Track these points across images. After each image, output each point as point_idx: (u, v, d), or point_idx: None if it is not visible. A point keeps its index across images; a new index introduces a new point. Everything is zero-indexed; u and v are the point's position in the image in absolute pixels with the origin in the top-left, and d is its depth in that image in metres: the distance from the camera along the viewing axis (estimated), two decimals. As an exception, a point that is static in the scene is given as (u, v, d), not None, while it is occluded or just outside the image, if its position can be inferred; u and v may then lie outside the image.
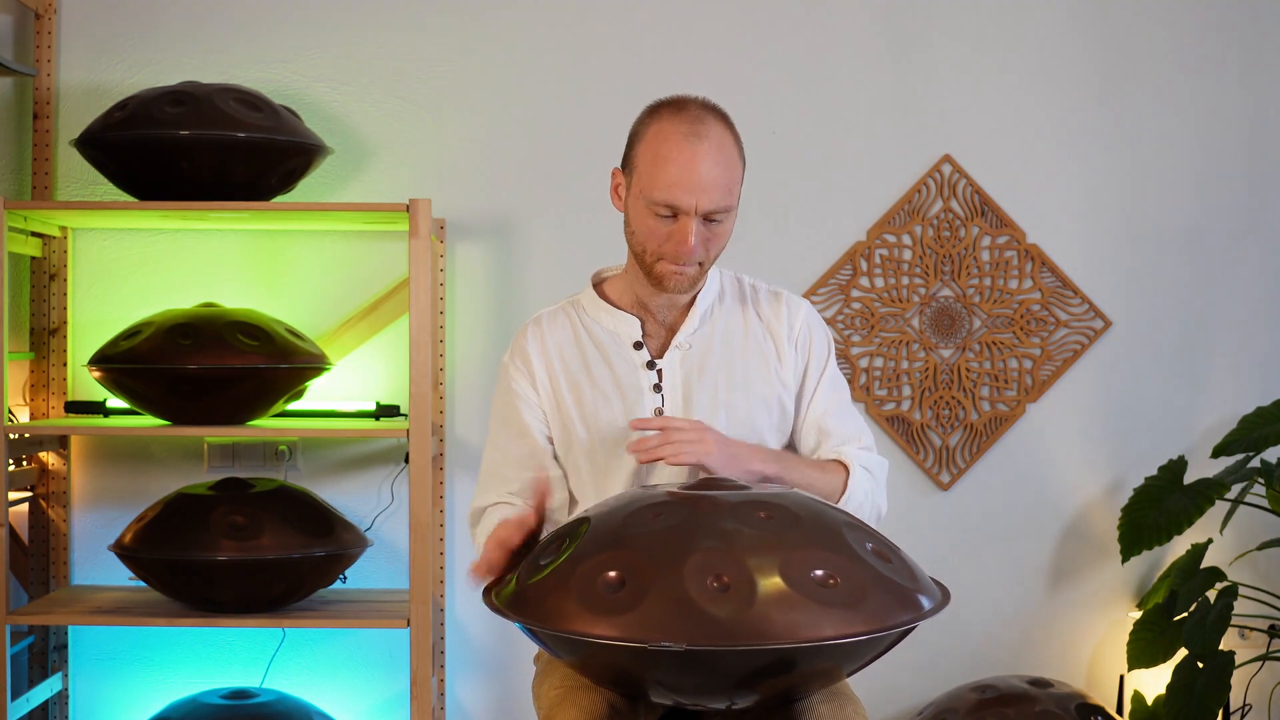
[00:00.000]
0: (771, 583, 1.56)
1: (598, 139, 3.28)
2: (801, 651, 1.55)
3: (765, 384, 2.09)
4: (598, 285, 2.17)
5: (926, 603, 1.67)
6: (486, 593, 1.78)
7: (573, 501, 2.13)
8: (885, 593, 1.62)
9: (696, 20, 3.28)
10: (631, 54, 3.28)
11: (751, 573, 1.57)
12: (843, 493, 2.04)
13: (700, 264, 2.01)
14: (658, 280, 2.02)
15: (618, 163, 3.26)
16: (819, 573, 1.60)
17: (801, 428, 2.13)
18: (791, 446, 2.15)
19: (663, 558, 1.60)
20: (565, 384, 2.10)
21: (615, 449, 2.05)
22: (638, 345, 2.09)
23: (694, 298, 2.10)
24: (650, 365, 2.08)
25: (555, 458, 2.12)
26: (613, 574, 1.60)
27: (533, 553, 1.77)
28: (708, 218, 1.96)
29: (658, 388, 2.07)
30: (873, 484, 2.08)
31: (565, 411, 2.09)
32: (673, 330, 2.10)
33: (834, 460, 2.07)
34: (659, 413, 2.06)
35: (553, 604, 1.62)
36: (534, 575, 1.69)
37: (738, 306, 2.13)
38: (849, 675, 1.74)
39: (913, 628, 1.64)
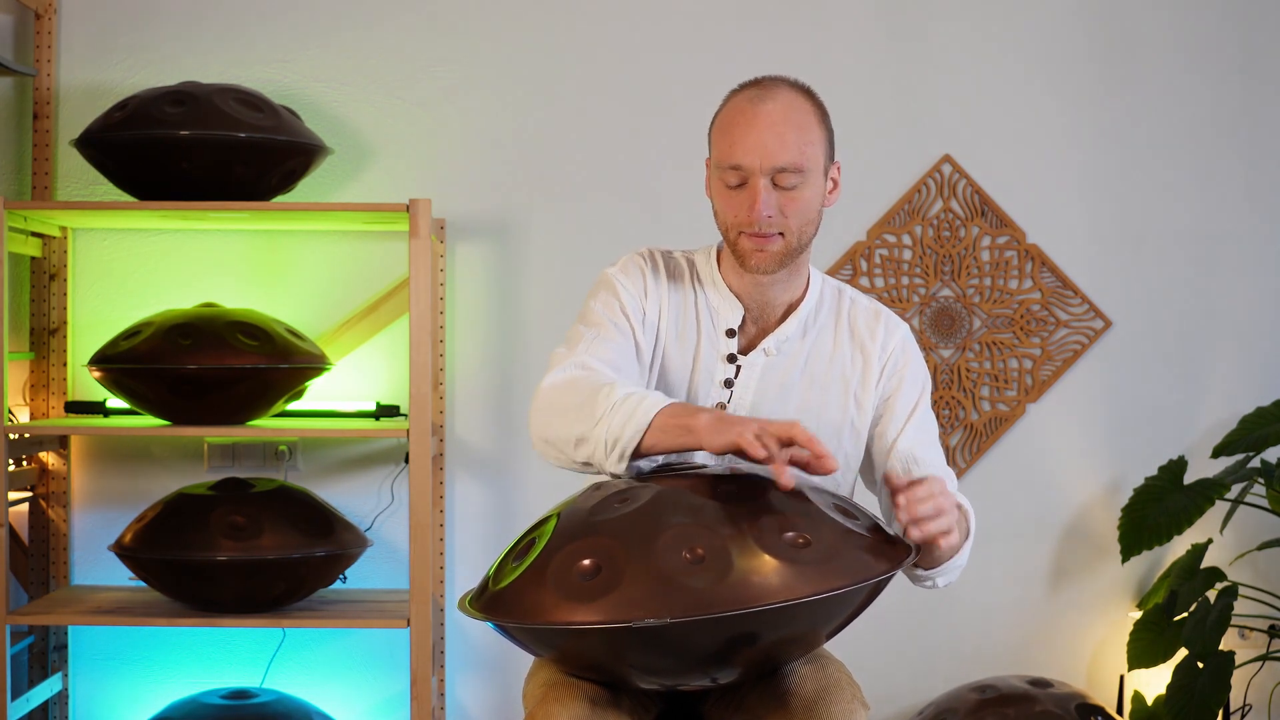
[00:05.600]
0: (745, 549, 1.58)
1: (598, 139, 3.28)
2: (783, 611, 1.56)
3: (840, 410, 1.99)
4: (719, 254, 2.03)
5: (900, 554, 1.68)
6: (462, 600, 1.77)
7: None
8: (857, 548, 1.64)
9: (696, 20, 3.28)
10: (631, 54, 3.28)
11: (724, 542, 1.59)
12: (966, 539, 1.90)
13: (782, 235, 1.89)
14: (742, 258, 1.92)
15: (617, 163, 3.29)
16: (790, 534, 1.61)
17: (887, 458, 1.98)
18: (849, 472, 2.04)
19: (635, 539, 1.61)
20: (664, 332, 2.00)
21: None
22: (730, 333, 1.99)
23: (790, 302, 2.00)
24: (731, 359, 1.98)
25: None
26: (587, 561, 1.61)
27: (507, 553, 1.77)
28: (778, 181, 1.87)
29: (729, 383, 1.97)
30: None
31: (655, 355, 1.99)
32: (764, 330, 2.00)
33: (960, 506, 1.91)
34: (721, 409, 1.95)
35: (531, 600, 1.62)
36: (507, 577, 1.69)
37: (831, 321, 2.02)
38: (829, 638, 1.75)
39: (889, 578, 1.66)
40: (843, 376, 2.00)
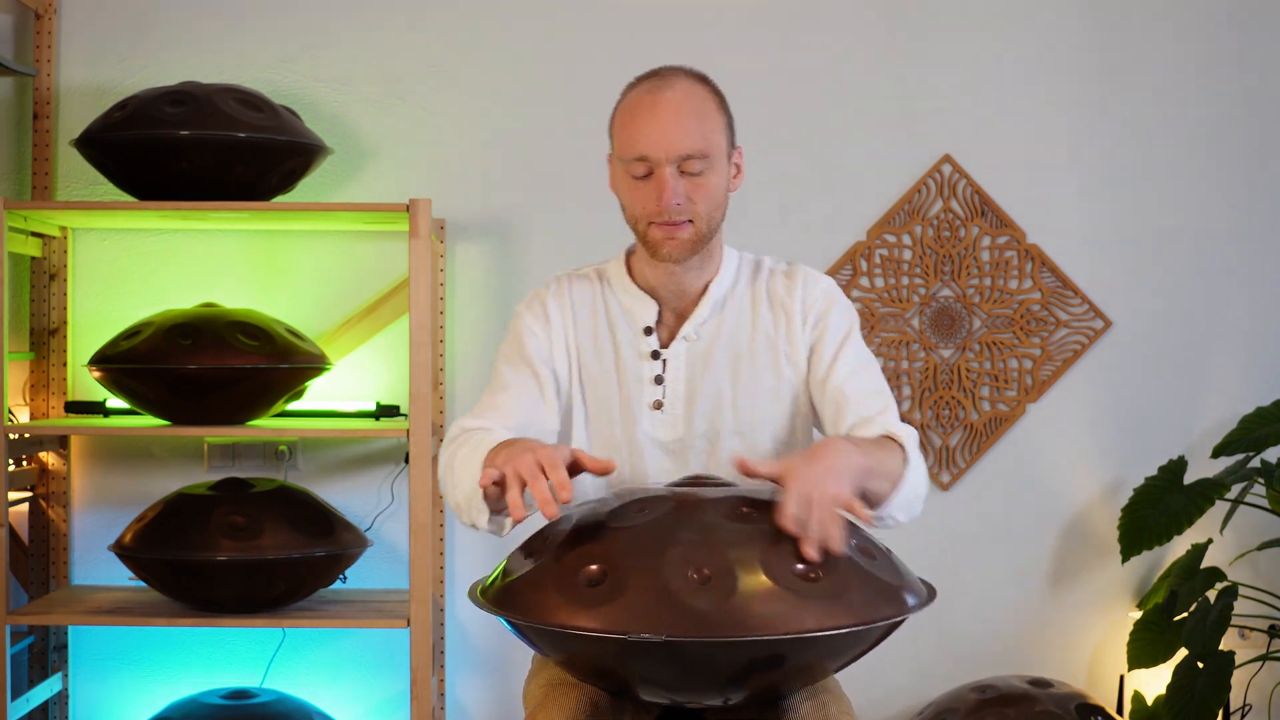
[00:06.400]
0: (752, 575, 1.56)
1: (597, 139, 3.26)
2: (781, 644, 1.54)
3: (774, 373, 2.00)
4: (628, 258, 2.07)
5: (911, 599, 1.66)
6: (472, 589, 1.77)
7: None
8: (868, 588, 1.62)
9: (696, 21, 3.27)
10: (631, 54, 3.27)
11: (732, 565, 1.57)
12: (905, 467, 1.86)
13: (691, 222, 1.92)
14: (654, 248, 1.94)
15: (618, 163, 3.28)
16: (800, 566, 1.59)
17: (821, 399, 1.99)
18: (807, 431, 2.05)
19: (643, 551, 1.60)
20: (576, 350, 2.02)
21: (605, 434, 2.00)
22: (648, 331, 2.01)
23: (705, 286, 2.02)
24: (655, 355, 2.00)
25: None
26: (594, 567, 1.61)
27: (520, 549, 1.77)
28: (683, 169, 1.90)
29: (659, 379, 1.99)
30: (920, 459, 1.94)
31: (573, 377, 2.02)
32: (683, 319, 2.01)
33: (886, 436, 1.90)
34: (658, 406, 1.99)
35: (536, 598, 1.62)
36: (519, 571, 1.69)
37: (748, 291, 2.03)
38: (835, 671, 1.73)
39: (897, 624, 1.64)
40: (769, 342, 2.01)
